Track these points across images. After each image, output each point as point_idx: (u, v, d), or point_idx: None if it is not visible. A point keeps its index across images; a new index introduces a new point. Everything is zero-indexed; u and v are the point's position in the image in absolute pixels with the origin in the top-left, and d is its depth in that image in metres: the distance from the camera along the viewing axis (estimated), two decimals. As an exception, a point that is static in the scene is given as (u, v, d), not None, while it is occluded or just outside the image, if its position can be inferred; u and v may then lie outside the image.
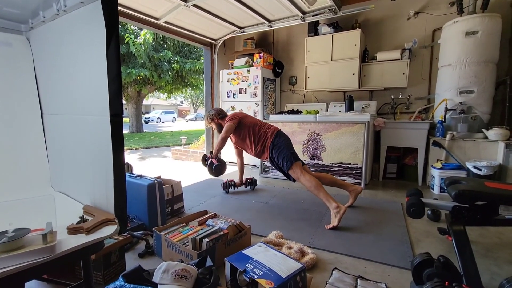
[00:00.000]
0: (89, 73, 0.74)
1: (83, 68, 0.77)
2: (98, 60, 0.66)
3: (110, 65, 0.64)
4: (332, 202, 2.11)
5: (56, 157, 0.97)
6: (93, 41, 0.69)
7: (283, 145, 2.43)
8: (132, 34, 8.54)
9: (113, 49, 0.63)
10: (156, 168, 4.86)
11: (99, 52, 0.66)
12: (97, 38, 0.66)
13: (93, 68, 0.71)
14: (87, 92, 0.75)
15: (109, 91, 0.65)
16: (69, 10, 0.78)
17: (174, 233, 1.71)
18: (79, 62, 0.78)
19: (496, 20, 2.84)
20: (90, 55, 0.72)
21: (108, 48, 0.63)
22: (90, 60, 0.72)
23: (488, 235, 1.93)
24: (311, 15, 3.66)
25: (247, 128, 2.59)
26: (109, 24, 0.62)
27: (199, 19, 3.70)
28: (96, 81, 0.69)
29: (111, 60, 0.64)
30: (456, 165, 2.86)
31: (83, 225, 0.66)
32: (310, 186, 2.20)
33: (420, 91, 3.67)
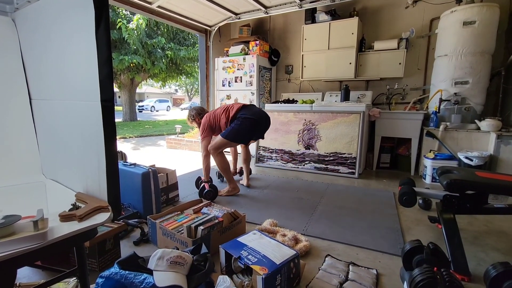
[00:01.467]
0: (79, 56, 0.71)
1: (72, 52, 0.74)
2: (88, 43, 0.63)
3: (100, 49, 0.61)
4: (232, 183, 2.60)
5: (47, 144, 0.95)
6: (82, 23, 0.66)
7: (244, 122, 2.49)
8: (125, 19, 8.27)
9: (103, 32, 0.61)
10: (150, 157, 4.83)
11: (89, 35, 0.63)
12: (86, 21, 0.63)
13: (83, 52, 0.68)
14: (77, 77, 0.73)
15: (100, 76, 0.62)
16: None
17: (169, 221, 1.72)
18: (69, 45, 0.75)
19: (494, 10, 2.82)
20: (79, 37, 0.69)
21: (98, 31, 0.60)
22: (80, 43, 0.69)
23: (477, 223, 1.99)
24: (308, 1, 3.59)
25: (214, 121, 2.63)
26: (98, 6, 0.59)
27: (193, 4, 3.59)
28: (87, 65, 0.66)
29: (101, 43, 0.61)
30: (448, 156, 2.91)
31: (76, 212, 0.65)
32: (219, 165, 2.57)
33: (415, 81, 3.67)
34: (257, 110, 2.61)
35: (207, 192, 2.43)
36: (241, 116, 2.49)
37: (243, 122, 2.47)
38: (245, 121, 2.47)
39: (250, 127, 2.49)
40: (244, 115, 2.48)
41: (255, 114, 2.52)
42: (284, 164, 3.66)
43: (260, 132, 2.70)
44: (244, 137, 2.55)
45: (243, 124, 2.47)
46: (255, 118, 2.50)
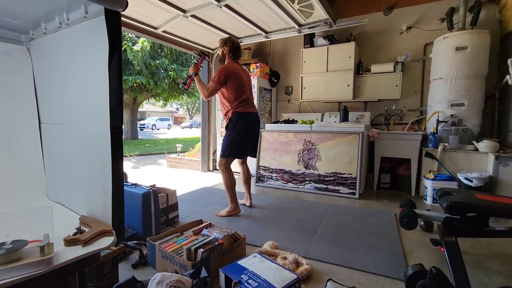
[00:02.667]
0: (90, 85, 0.75)
1: (84, 80, 0.78)
2: (100, 73, 0.68)
3: (112, 79, 0.65)
4: (233, 204, 2.58)
5: (53, 167, 0.97)
6: (95, 54, 0.71)
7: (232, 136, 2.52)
8: (130, 41, 8.58)
9: (116, 63, 0.65)
10: (150, 176, 4.83)
11: (101, 65, 0.67)
12: (99, 52, 0.68)
13: (94, 81, 0.72)
14: (87, 104, 0.77)
15: (110, 104, 0.66)
16: (72, 23, 0.80)
17: (168, 243, 1.70)
18: (80, 74, 0.79)
19: (484, 36, 2.95)
20: (91, 67, 0.73)
21: (111, 62, 0.65)
22: (92, 73, 0.73)
23: (479, 246, 1.96)
24: (307, 27, 3.75)
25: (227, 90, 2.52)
26: (112, 39, 0.64)
27: (197, 29, 3.75)
28: (97, 93, 0.70)
29: (113, 73, 0.65)
30: (448, 176, 2.91)
31: (80, 236, 0.66)
32: (225, 182, 2.58)
33: (412, 103, 3.76)
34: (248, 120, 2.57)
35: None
36: (231, 130, 2.53)
37: (231, 136, 2.52)
38: (234, 136, 2.52)
39: (238, 138, 2.52)
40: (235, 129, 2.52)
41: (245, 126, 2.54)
42: (284, 184, 3.66)
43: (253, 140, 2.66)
44: (237, 150, 2.57)
45: (232, 138, 2.52)
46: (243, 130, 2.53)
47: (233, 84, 2.49)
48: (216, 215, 2.59)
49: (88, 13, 0.73)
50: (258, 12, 3.34)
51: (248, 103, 2.60)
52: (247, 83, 2.63)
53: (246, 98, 2.58)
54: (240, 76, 2.54)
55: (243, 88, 2.57)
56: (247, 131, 2.56)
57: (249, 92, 2.65)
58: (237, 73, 2.52)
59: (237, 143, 2.54)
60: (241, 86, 2.54)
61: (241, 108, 2.54)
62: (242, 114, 2.53)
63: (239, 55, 2.63)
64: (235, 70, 2.51)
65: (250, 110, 2.60)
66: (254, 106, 2.67)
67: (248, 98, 2.61)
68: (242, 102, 2.54)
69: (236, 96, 2.52)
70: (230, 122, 2.55)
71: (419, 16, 3.62)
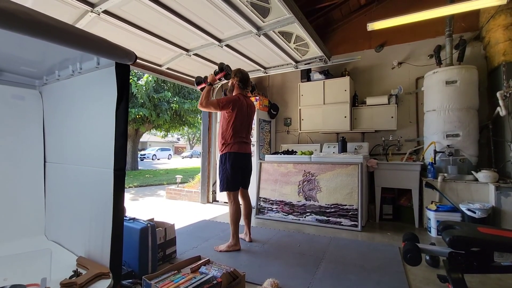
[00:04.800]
0: (96, 128, 0.80)
1: (91, 123, 0.83)
2: (107, 118, 0.72)
3: (118, 124, 0.70)
4: (234, 239, 2.52)
5: (54, 206, 0.99)
6: (104, 100, 0.76)
7: (224, 171, 2.55)
8: (135, 76, 8.97)
9: (122, 110, 0.70)
10: (149, 208, 4.75)
11: (109, 111, 0.72)
12: (108, 98, 0.73)
13: (101, 125, 0.77)
14: (93, 145, 0.80)
15: (115, 147, 0.69)
16: (84, 72, 0.87)
17: (165, 281, 1.63)
18: (88, 118, 0.84)
19: (472, 71, 3.10)
20: (99, 112, 0.78)
21: (118, 108, 0.70)
22: (100, 117, 0.78)
23: (489, 282, 1.88)
24: (303, 63, 3.96)
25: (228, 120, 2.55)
26: (121, 88, 0.69)
27: (199, 65, 3.96)
28: (103, 136, 0.74)
29: (119, 119, 0.70)
30: (450, 207, 2.88)
31: (77, 280, 0.65)
32: (232, 214, 2.55)
33: (409, 133, 3.83)
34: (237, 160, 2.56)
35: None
36: (222, 166, 2.58)
37: (223, 171, 2.56)
38: (226, 171, 2.55)
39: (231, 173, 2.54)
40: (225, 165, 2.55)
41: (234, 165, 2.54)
42: (285, 216, 3.59)
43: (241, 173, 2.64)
44: (234, 182, 2.57)
45: (224, 173, 2.56)
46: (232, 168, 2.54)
47: (233, 118, 2.51)
48: (215, 250, 2.51)
49: (100, 64, 0.79)
50: (257, 51, 3.55)
51: (242, 143, 2.58)
52: (248, 120, 2.67)
53: (242, 137, 2.59)
54: (243, 113, 2.56)
55: (242, 125, 2.59)
56: (237, 168, 2.57)
57: (248, 130, 2.67)
58: (242, 108, 2.55)
59: (232, 175, 2.55)
60: (241, 123, 2.57)
61: (235, 147, 2.54)
62: (232, 155, 2.54)
63: (248, 84, 2.69)
64: (242, 105, 2.55)
65: (242, 151, 2.58)
66: (248, 145, 2.68)
67: (245, 137, 2.61)
68: (236, 141, 2.55)
69: (234, 132, 2.53)
70: (221, 158, 2.60)
71: (409, 53, 3.84)
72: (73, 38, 0.69)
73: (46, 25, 0.70)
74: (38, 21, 0.70)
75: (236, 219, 2.54)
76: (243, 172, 2.65)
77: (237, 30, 2.92)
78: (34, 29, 0.71)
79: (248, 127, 2.69)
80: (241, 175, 2.63)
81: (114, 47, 0.67)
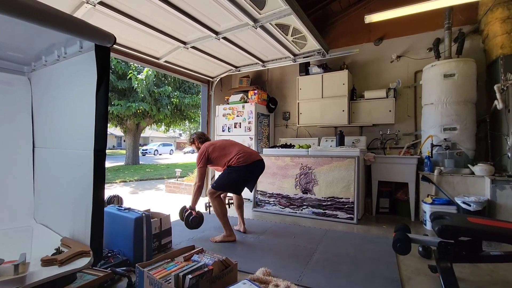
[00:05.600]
0: (80, 111, 0.81)
1: (76, 107, 0.84)
2: (89, 101, 0.73)
3: (98, 106, 0.71)
4: (228, 231, 2.53)
5: (42, 190, 1.01)
6: (86, 84, 0.77)
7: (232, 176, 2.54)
8: (135, 70, 8.97)
9: (103, 92, 0.71)
10: (148, 201, 4.79)
11: (90, 94, 0.73)
12: (89, 82, 0.74)
13: (83, 107, 0.78)
14: (76, 128, 0.82)
15: (96, 128, 0.71)
16: (68, 56, 0.88)
17: (158, 269, 1.66)
18: (73, 101, 0.85)
19: (470, 64, 3.07)
20: (82, 95, 0.79)
21: (98, 91, 0.71)
22: (82, 100, 0.79)
23: (480, 273, 1.89)
24: (301, 57, 3.94)
25: (214, 162, 2.66)
26: (101, 70, 0.70)
27: (197, 59, 3.95)
28: (86, 118, 0.75)
29: (99, 101, 0.71)
30: (446, 200, 2.88)
31: (57, 257, 0.67)
32: (217, 210, 2.54)
33: (407, 127, 3.82)
34: (251, 160, 2.58)
35: (193, 218, 2.39)
36: (232, 166, 2.54)
37: (231, 176, 2.52)
38: (233, 173, 2.52)
39: (238, 178, 2.54)
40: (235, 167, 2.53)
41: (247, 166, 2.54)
42: (282, 209, 3.61)
43: (253, 180, 2.70)
44: (234, 188, 2.60)
45: (232, 175, 2.52)
46: (246, 170, 2.54)
47: (216, 154, 2.62)
48: (211, 240, 2.54)
49: (83, 48, 0.80)
50: (254, 44, 3.53)
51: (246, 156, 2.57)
52: (231, 142, 2.77)
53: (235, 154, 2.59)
54: (216, 145, 2.68)
55: (227, 150, 2.64)
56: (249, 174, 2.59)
57: (239, 148, 2.66)
58: (211, 144, 2.71)
59: (237, 183, 2.55)
60: (223, 150, 2.64)
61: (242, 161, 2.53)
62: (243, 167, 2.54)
63: (205, 137, 2.92)
64: (209, 144, 2.69)
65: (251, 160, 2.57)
66: (251, 154, 2.63)
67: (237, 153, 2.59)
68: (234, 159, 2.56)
69: (226, 159, 2.59)
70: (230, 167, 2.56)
71: (408, 46, 3.81)
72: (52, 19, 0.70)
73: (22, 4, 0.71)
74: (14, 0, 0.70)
75: (222, 212, 2.53)
76: (255, 177, 2.68)
77: (233, 22, 2.90)
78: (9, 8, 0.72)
79: (237, 146, 2.70)
80: (252, 178, 2.66)
81: (94, 29, 0.68)
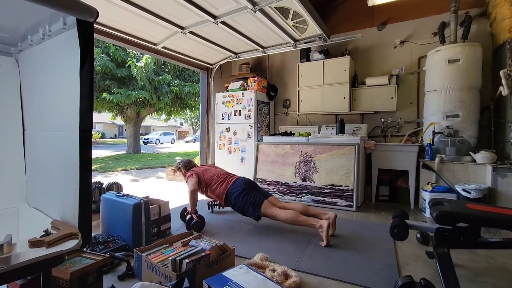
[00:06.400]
0: (67, 92, 0.78)
1: (62, 88, 0.81)
2: (73, 79, 0.71)
3: (83, 84, 0.68)
4: (314, 223, 2.18)
5: (34, 173, 0.99)
6: (70, 62, 0.74)
7: (239, 199, 2.47)
8: (134, 58, 8.85)
9: (87, 70, 0.68)
10: (148, 188, 4.82)
11: (74, 72, 0.70)
12: (74, 60, 0.71)
13: (68, 87, 0.75)
14: (64, 110, 0.79)
15: (80, 108, 0.68)
16: (53, 34, 0.85)
17: (156, 254, 1.68)
18: (60, 82, 0.83)
19: (476, 49, 2.99)
20: (67, 75, 0.77)
21: (82, 69, 0.68)
22: (67, 80, 0.77)
23: (477, 259, 1.90)
24: (302, 42, 3.84)
25: (205, 187, 2.68)
26: (84, 47, 0.67)
27: (195, 45, 3.87)
28: (71, 99, 0.73)
29: (84, 80, 0.68)
30: (446, 188, 2.87)
31: (45, 238, 0.66)
32: (287, 219, 2.27)
33: (409, 114, 3.76)
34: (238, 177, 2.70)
35: (195, 223, 2.40)
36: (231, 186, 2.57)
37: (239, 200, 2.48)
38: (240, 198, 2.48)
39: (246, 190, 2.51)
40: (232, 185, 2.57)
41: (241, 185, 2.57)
42: (281, 196, 3.62)
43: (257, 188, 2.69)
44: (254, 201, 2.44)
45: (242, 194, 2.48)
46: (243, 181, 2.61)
47: (206, 177, 2.67)
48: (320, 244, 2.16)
49: (66, 25, 0.77)
50: (254, 29, 3.44)
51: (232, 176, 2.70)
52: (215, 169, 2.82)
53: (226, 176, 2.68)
54: (204, 169, 2.78)
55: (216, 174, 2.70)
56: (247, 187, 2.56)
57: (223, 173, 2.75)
58: (201, 166, 2.83)
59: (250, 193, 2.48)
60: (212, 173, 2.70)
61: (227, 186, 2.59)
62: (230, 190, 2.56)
63: (192, 165, 2.97)
64: (197, 169, 2.77)
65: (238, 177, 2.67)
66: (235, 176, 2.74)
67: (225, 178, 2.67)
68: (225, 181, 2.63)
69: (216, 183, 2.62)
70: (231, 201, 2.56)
71: (412, 31, 3.70)
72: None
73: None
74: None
75: (292, 221, 2.25)
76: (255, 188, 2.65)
77: (232, 5, 2.82)
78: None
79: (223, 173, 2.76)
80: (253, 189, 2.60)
81: (74, 1, 0.65)
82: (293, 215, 2.26)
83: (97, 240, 1.95)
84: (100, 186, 2.77)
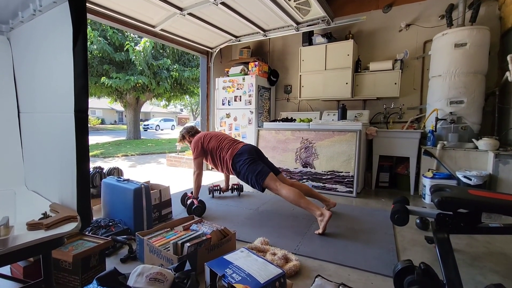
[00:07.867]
0: (60, 70, 0.75)
1: (56, 66, 0.78)
2: (66, 58, 0.67)
3: (77, 62, 0.65)
4: (316, 210, 2.12)
5: (31, 156, 0.98)
6: (62, 39, 0.70)
7: (244, 168, 2.38)
8: (132, 41, 8.66)
9: (80, 47, 0.65)
10: (148, 174, 4.84)
11: (68, 50, 0.67)
12: (66, 36, 0.67)
13: (62, 66, 0.72)
14: (58, 90, 0.76)
15: (75, 87, 0.65)
16: (44, 10, 0.80)
17: (157, 237, 1.69)
18: (54, 61, 0.79)
19: (484, 32, 2.89)
20: (60, 53, 0.73)
21: (75, 46, 0.64)
22: (60, 58, 0.73)
23: (476, 245, 1.92)
24: (305, 25, 3.73)
25: (211, 154, 2.63)
26: (76, 23, 0.63)
27: (195, 27, 3.76)
28: (65, 78, 0.70)
29: (77, 57, 0.65)
30: (446, 175, 2.86)
31: (44, 221, 0.65)
32: (289, 197, 2.19)
33: (412, 101, 3.71)
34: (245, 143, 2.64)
35: (196, 208, 2.42)
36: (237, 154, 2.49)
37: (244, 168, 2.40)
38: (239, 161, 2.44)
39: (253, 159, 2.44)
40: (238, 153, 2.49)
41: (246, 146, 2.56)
42: (281, 182, 3.63)
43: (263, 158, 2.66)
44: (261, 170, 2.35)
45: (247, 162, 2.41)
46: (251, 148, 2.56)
47: (212, 144, 2.60)
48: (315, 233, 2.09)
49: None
50: (255, 10, 3.33)
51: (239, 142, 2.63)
52: (222, 134, 2.76)
53: (232, 143, 2.60)
54: (210, 135, 2.70)
55: (222, 141, 2.62)
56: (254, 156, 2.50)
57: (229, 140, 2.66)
58: (205, 134, 2.72)
59: (256, 163, 2.40)
60: (218, 140, 2.62)
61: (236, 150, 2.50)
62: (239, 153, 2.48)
63: (195, 129, 2.91)
64: (203, 134, 2.71)
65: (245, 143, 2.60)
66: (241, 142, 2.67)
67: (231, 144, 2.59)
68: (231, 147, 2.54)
69: (221, 149, 2.56)
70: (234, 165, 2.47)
71: (419, 13, 3.58)
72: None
73: None
74: None
75: (294, 199, 2.18)
76: (261, 157, 2.61)
77: (232, -15, 2.71)
78: None
79: (229, 138, 2.68)
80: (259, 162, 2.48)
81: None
82: (296, 194, 2.17)
83: (99, 224, 1.96)
84: (101, 171, 2.77)
